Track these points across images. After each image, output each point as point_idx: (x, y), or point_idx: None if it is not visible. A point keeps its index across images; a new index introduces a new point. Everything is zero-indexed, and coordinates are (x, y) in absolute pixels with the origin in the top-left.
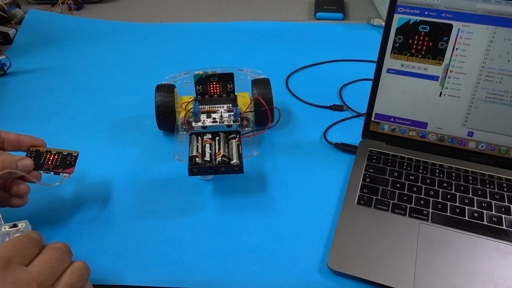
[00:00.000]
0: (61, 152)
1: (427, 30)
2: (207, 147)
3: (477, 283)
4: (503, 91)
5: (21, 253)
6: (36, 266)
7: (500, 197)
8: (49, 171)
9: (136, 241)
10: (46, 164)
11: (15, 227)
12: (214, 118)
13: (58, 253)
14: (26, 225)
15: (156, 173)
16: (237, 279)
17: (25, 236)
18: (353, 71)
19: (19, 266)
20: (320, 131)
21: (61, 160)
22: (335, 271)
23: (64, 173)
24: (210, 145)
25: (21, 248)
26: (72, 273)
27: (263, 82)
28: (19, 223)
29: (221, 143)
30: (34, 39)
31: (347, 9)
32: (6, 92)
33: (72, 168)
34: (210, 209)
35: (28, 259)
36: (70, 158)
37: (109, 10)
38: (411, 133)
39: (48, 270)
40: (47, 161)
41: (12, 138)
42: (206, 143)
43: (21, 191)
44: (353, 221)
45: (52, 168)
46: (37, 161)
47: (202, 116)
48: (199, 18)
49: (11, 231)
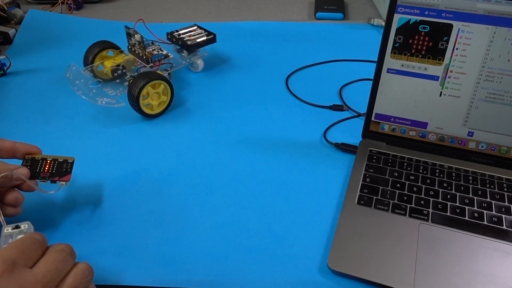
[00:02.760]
0: (57, 159)
1: (427, 30)
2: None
3: (477, 283)
4: (503, 91)
5: (25, 255)
6: (41, 268)
7: (500, 197)
8: (46, 180)
9: (136, 241)
10: (42, 172)
11: (17, 228)
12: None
13: (62, 254)
14: (28, 226)
15: (156, 173)
16: (237, 279)
17: (29, 238)
18: (353, 71)
19: (24, 268)
20: (320, 131)
21: (57, 168)
22: (335, 271)
23: (61, 181)
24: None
25: (26, 250)
26: (76, 275)
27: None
28: (22, 224)
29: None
30: (34, 39)
31: (347, 9)
32: (6, 92)
33: (69, 176)
34: (210, 209)
35: (33, 261)
36: (66, 166)
37: (109, 10)
38: (411, 133)
39: (52, 272)
40: (43, 169)
41: (7, 145)
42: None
43: (15, 200)
44: (353, 221)
45: (48, 176)
46: (33, 169)
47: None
48: (199, 18)
49: (14, 232)
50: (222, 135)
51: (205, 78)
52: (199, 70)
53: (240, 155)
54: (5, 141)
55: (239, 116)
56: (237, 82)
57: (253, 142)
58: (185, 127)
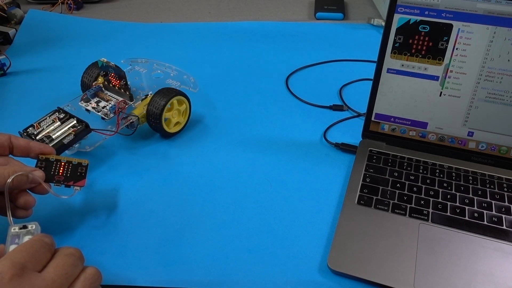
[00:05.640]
0: (71, 161)
1: (427, 30)
2: (51, 125)
3: (477, 283)
4: (503, 91)
5: (35, 258)
6: (50, 273)
7: (500, 197)
8: (60, 184)
9: (136, 241)
10: (57, 176)
11: (24, 228)
12: (97, 105)
13: (72, 259)
14: (36, 227)
15: (155, 173)
16: (237, 279)
17: (38, 241)
18: (353, 71)
19: (34, 272)
20: (320, 131)
21: (71, 171)
22: (335, 271)
23: (75, 186)
24: (53, 123)
25: (35, 253)
26: (85, 280)
27: (166, 92)
28: (29, 225)
29: (63, 124)
30: (34, 39)
31: (347, 9)
32: (6, 92)
33: (84, 181)
34: (210, 209)
35: (42, 265)
36: (81, 170)
37: (109, 10)
38: (411, 133)
39: (62, 277)
40: (57, 172)
41: (21, 144)
42: (55, 121)
43: (27, 203)
44: (353, 221)
45: (63, 180)
46: (47, 171)
47: (94, 99)
48: (199, 18)
49: (21, 232)
50: (222, 135)
51: (205, 78)
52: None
53: (240, 155)
54: (19, 139)
55: (239, 116)
56: (237, 82)
57: (253, 142)
58: (185, 127)
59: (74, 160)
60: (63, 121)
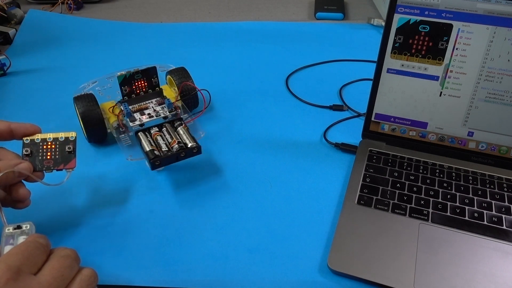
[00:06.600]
0: (57, 137)
1: (427, 30)
2: (160, 139)
3: (477, 283)
4: (503, 91)
5: (30, 261)
6: (46, 276)
7: (500, 197)
8: (51, 170)
9: (136, 241)
10: (46, 161)
11: (19, 228)
12: (149, 113)
13: (68, 260)
14: (30, 227)
15: (155, 174)
16: (237, 279)
17: (32, 242)
18: (353, 71)
19: (29, 275)
20: (320, 131)
21: (60, 151)
22: (335, 271)
23: (67, 169)
24: (161, 137)
25: (30, 256)
26: (81, 281)
27: (180, 70)
28: (23, 225)
29: (170, 132)
30: (34, 39)
31: (347, 9)
32: (6, 92)
33: (73, 161)
34: (210, 209)
35: (37, 267)
36: (69, 148)
37: (109, 10)
38: (411, 133)
39: (58, 279)
40: (45, 155)
41: (1, 127)
42: (156, 136)
43: (21, 195)
44: (353, 221)
45: (52, 165)
46: (35, 157)
47: (136, 114)
48: (199, 18)
49: (15, 232)
50: (222, 135)
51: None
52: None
53: (240, 155)
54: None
55: (239, 116)
56: (237, 82)
57: (253, 142)
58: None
59: (61, 136)
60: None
